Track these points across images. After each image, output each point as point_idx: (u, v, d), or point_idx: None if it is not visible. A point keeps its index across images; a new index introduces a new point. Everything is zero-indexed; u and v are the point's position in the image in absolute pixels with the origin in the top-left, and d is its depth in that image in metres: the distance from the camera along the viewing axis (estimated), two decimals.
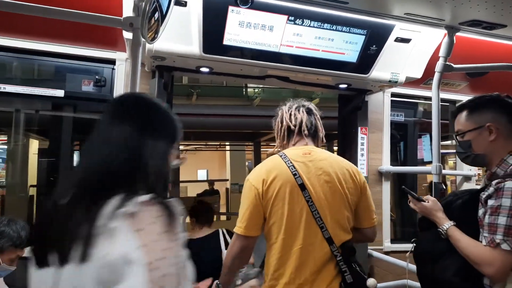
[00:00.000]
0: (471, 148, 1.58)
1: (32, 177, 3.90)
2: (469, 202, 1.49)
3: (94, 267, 0.74)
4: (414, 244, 1.66)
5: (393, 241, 3.15)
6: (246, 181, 1.69)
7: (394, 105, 3.23)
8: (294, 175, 1.62)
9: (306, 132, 1.76)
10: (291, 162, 1.65)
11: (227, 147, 11.36)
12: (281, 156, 1.69)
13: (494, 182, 1.42)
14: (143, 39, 1.53)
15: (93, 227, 0.75)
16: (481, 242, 1.40)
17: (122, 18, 1.52)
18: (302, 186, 1.60)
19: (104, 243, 0.74)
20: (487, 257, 1.36)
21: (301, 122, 1.77)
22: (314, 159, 1.67)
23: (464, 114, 1.62)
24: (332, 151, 8.38)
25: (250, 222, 1.62)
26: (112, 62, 2.55)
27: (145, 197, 0.79)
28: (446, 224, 1.54)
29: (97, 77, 2.57)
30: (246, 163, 12.67)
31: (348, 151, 3.08)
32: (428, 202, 1.65)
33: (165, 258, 0.75)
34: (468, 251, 1.43)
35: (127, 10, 1.79)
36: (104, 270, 0.72)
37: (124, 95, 1.16)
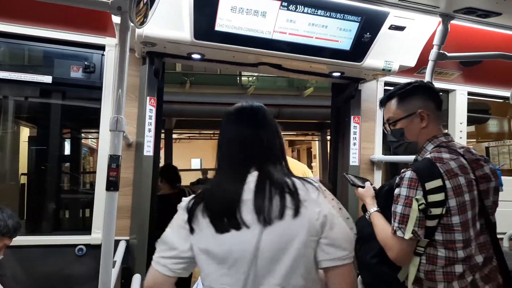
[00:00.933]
0: (404, 136, 1.61)
1: (23, 165, 3.86)
2: (393, 189, 1.52)
3: (307, 220, 1.10)
4: None
5: None
6: None
7: None
8: None
9: None
10: None
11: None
12: None
13: (402, 171, 1.49)
14: (131, 24, 1.49)
15: (298, 197, 1.11)
16: None
17: (110, 1, 1.48)
18: None
19: (312, 206, 1.12)
20: (389, 242, 1.45)
21: None
22: None
23: (394, 102, 1.62)
24: (326, 140, 8.38)
25: None
26: (102, 47, 2.50)
27: (314, 178, 1.25)
28: (371, 209, 1.63)
29: (86, 63, 2.51)
30: None
31: (341, 140, 3.08)
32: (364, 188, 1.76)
33: (341, 209, 1.20)
34: (379, 236, 1.52)
35: None
36: (317, 221, 1.10)
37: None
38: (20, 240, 2.12)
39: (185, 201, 1.18)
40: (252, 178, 1.14)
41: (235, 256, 1.08)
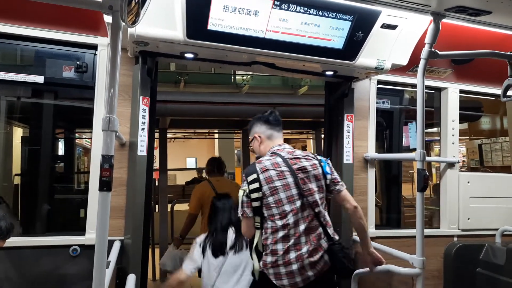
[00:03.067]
0: (256, 152, 2.28)
1: (16, 165, 3.83)
2: None
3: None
4: None
5: (377, 227, 3.19)
6: None
7: (380, 93, 3.23)
8: None
9: None
10: None
11: (216, 135, 11.30)
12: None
13: None
14: (123, 23, 1.48)
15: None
16: None
17: (101, 0, 1.47)
18: None
19: None
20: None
21: None
22: None
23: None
24: (321, 138, 8.41)
25: None
26: (94, 47, 2.49)
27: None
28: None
29: (78, 63, 2.50)
30: (235, 151, 12.65)
31: (334, 139, 3.09)
32: None
33: None
34: None
35: None
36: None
37: None
38: (13, 241, 2.11)
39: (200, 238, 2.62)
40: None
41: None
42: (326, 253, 1.99)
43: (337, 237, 2.07)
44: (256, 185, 1.99)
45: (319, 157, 2.13)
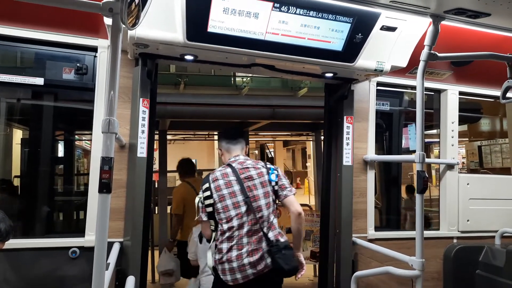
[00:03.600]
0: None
1: (16, 167, 3.83)
2: None
3: None
4: None
5: (377, 228, 3.19)
6: None
7: (380, 94, 3.24)
8: None
9: None
10: None
11: (215, 137, 11.29)
12: None
13: None
14: (123, 25, 1.49)
15: None
16: None
17: (101, 3, 1.48)
18: None
19: None
20: None
21: None
22: None
23: None
24: (320, 140, 8.41)
25: None
26: (94, 49, 2.49)
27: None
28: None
29: (78, 65, 2.51)
30: None
31: (334, 140, 3.09)
32: None
33: None
34: None
35: None
36: None
37: None
38: (13, 243, 2.10)
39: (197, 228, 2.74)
40: None
41: None
42: (266, 253, 2.21)
43: (282, 239, 2.25)
44: (208, 193, 2.29)
45: (268, 166, 2.39)
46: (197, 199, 2.34)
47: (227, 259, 2.22)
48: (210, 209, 2.28)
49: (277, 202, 2.39)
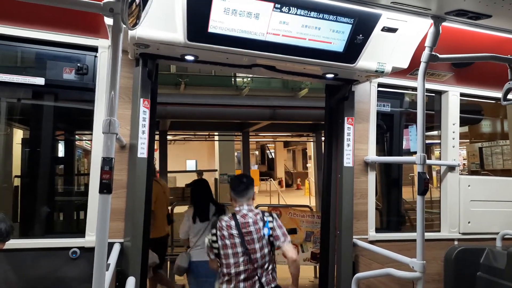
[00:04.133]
0: None
1: (16, 167, 3.83)
2: None
3: None
4: None
5: (377, 230, 3.19)
6: None
7: (381, 96, 3.24)
8: None
9: None
10: None
11: (216, 137, 11.31)
12: None
13: None
14: (124, 25, 1.49)
15: None
16: None
17: (102, 2, 1.48)
18: None
19: None
20: None
21: None
22: None
23: None
24: (321, 141, 8.41)
25: None
26: (95, 49, 2.49)
27: None
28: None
29: (79, 65, 2.50)
30: (235, 154, 12.64)
31: (335, 141, 3.09)
32: None
33: None
34: None
35: None
36: None
37: None
38: (13, 243, 2.10)
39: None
40: None
41: None
42: None
43: (273, 285, 2.65)
44: (214, 238, 2.67)
45: (265, 219, 2.66)
46: (206, 240, 2.72)
47: None
48: (216, 251, 2.67)
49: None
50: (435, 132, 4.14)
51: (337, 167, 3.03)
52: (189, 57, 2.33)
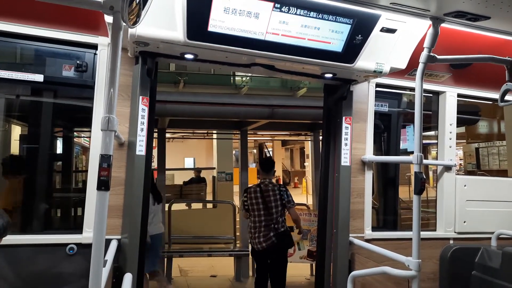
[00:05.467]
0: None
1: None
2: None
3: None
4: None
5: (374, 229, 3.21)
6: None
7: (379, 96, 3.25)
8: None
9: None
10: None
11: (214, 136, 11.29)
12: None
13: None
14: (124, 23, 1.49)
15: None
16: None
17: (102, 0, 1.48)
18: None
19: None
20: None
21: None
22: None
23: None
24: (319, 140, 8.42)
25: None
26: (94, 47, 2.49)
27: None
28: None
29: (78, 62, 2.50)
30: (234, 152, 12.64)
31: (332, 141, 3.10)
32: None
33: None
34: None
35: None
36: None
37: None
38: (10, 239, 2.11)
39: None
40: None
41: None
42: (273, 236, 3.85)
43: (282, 229, 3.89)
44: (245, 198, 4.03)
45: (281, 188, 4.00)
46: (240, 200, 3.99)
47: (253, 236, 3.94)
48: (246, 206, 4.00)
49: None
50: (432, 132, 4.16)
51: (335, 166, 3.04)
52: (189, 56, 2.34)
